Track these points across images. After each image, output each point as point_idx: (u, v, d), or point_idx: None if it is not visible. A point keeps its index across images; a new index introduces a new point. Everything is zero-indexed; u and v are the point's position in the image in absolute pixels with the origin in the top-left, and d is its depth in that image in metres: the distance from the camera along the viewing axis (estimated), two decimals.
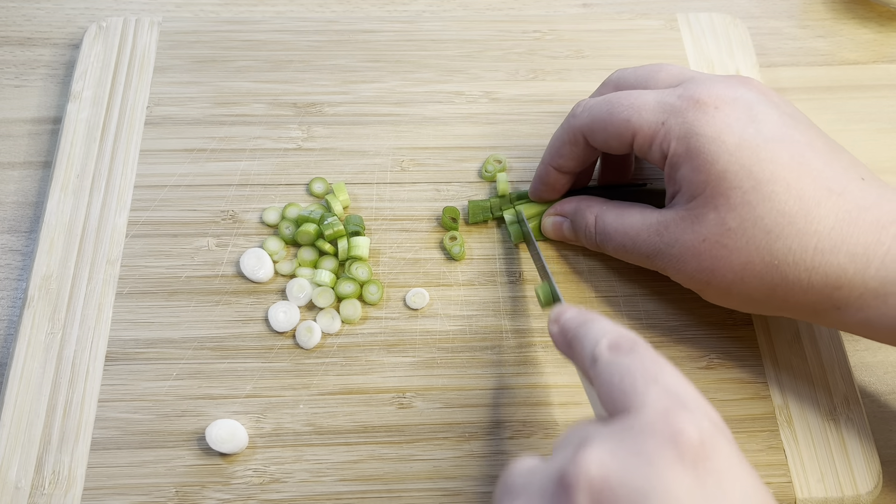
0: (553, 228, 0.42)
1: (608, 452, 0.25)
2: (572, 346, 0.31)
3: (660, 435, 0.25)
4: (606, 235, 0.39)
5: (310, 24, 0.51)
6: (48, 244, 0.42)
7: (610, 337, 0.29)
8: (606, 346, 0.29)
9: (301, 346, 0.40)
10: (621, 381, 0.27)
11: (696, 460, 0.24)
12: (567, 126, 0.39)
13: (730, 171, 0.34)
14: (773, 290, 0.34)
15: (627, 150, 0.38)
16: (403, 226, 0.44)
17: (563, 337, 0.32)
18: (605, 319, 0.31)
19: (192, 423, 0.38)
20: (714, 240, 0.34)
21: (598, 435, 0.26)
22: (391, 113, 0.48)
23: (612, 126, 0.37)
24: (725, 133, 0.34)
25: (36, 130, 0.48)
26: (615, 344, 0.29)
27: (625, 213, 0.39)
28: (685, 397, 0.26)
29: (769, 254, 0.33)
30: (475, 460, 0.38)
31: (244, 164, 0.45)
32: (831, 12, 0.56)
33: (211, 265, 0.42)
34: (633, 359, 0.28)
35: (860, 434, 0.39)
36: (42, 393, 0.38)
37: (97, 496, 0.36)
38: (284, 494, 0.37)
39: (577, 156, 0.40)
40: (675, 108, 0.35)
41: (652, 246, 0.37)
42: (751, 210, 0.33)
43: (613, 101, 0.37)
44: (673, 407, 0.26)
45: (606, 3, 0.55)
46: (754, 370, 0.40)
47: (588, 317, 0.31)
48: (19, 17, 0.53)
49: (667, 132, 0.35)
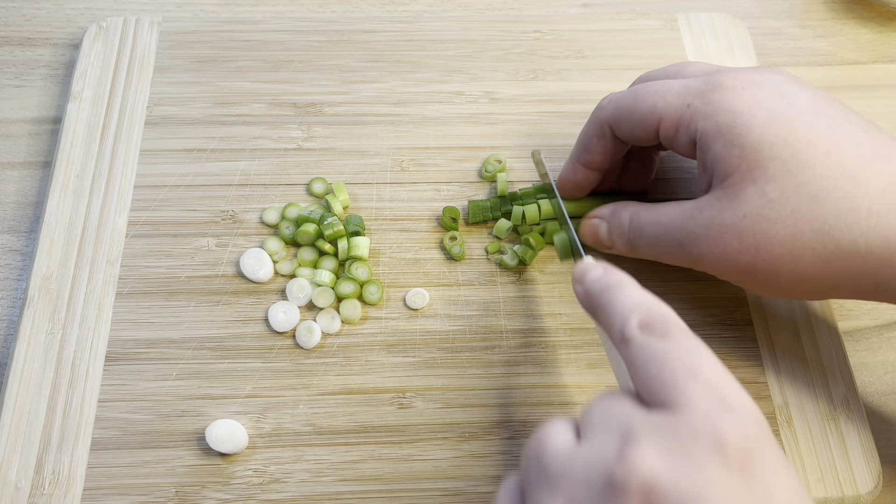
0: (590, 231, 0.41)
1: (658, 455, 0.24)
2: (597, 313, 0.31)
3: (706, 439, 0.24)
4: (640, 229, 0.38)
5: (310, 24, 0.51)
6: (48, 244, 0.42)
7: (640, 315, 0.28)
8: (637, 326, 0.28)
9: (301, 347, 0.40)
10: (660, 371, 0.26)
11: (742, 466, 0.24)
12: (593, 119, 0.39)
13: (765, 142, 0.32)
14: (827, 261, 0.32)
15: (654, 140, 0.37)
16: (403, 226, 0.44)
17: (588, 301, 0.31)
18: (632, 285, 0.30)
19: (192, 423, 0.38)
20: (756, 213, 0.33)
21: (643, 429, 0.25)
22: (391, 113, 0.48)
23: (637, 113, 0.36)
24: (755, 108, 0.33)
25: (36, 130, 0.48)
26: (647, 324, 0.28)
27: (659, 207, 0.38)
28: (728, 395, 0.26)
29: (818, 220, 0.32)
30: (475, 460, 0.38)
31: (244, 164, 0.45)
32: (831, 12, 0.56)
33: (211, 265, 0.42)
34: (668, 345, 0.27)
35: (860, 434, 0.39)
36: (42, 393, 0.38)
37: (97, 496, 0.36)
38: (284, 494, 0.37)
39: (604, 149, 0.39)
40: (700, 90, 0.35)
41: (686, 231, 0.35)
42: (792, 178, 0.32)
43: (639, 90, 0.37)
44: (717, 409, 0.25)
45: (606, 3, 0.55)
46: (754, 370, 0.40)
47: (614, 280, 0.30)
48: (19, 17, 0.53)
49: (693, 114, 0.35)
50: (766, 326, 0.42)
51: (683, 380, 0.26)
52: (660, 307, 0.29)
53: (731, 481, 0.24)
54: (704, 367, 0.26)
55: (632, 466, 0.24)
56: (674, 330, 0.28)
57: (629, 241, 0.39)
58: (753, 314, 0.42)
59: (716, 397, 0.25)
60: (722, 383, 0.26)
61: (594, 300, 0.31)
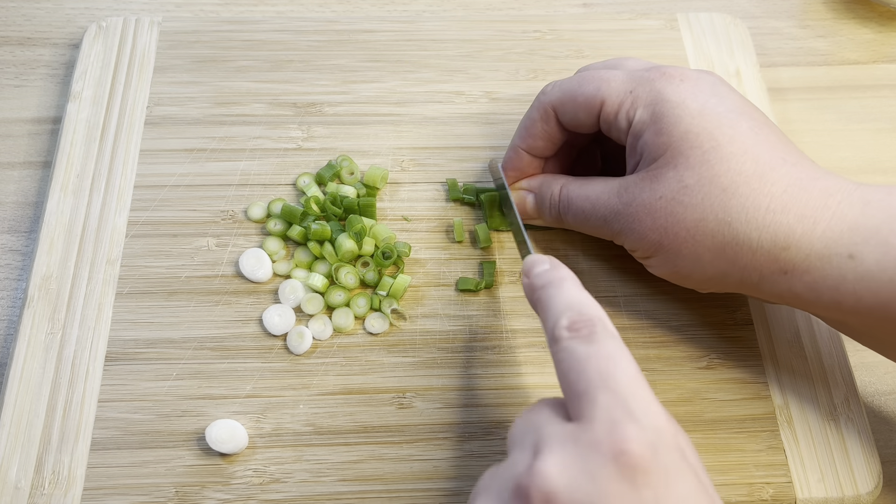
0: (519, 201, 0.42)
1: (559, 465, 0.26)
2: (537, 309, 0.33)
3: (605, 452, 0.26)
4: (569, 202, 0.40)
5: (310, 24, 0.51)
6: (48, 244, 0.42)
7: (570, 315, 0.30)
8: (566, 327, 0.30)
9: (292, 352, 0.40)
10: (577, 379, 0.29)
11: (634, 475, 0.26)
12: (537, 103, 0.40)
13: (691, 133, 0.35)
14: (722, 250, 0.35)
15: (595, 127, 0.39)
16: (403, 226, 0.44)
17: (531, 295, 0.34)
18: (571, 283, 0.32)
19: (192, 423, 0.38)
20: (670, 196, 0.35)
21: (551, 441, 0.27)
22: (391, 113, 0.48)
23: (581, 96, 0.38)
24: (689, 99, 0.36)
25: (36, 130, 0.48)
26: (575, 325, 0.30)
27: (589, 181, 0.40)
28: (633, 404, 0.27)
29: (723, 210, 0.34)
30: (475, 460, 0.38)
31: (244, 164, 0.45)
32: (831, 12, 0.56)
33: (211, 265, 0.42)
34: (589, 350, 0.29)
35: (860, 434, 0.39)
36: (42, 393, 0.38)
37: (97, 496, 0.36)
38: (284, 494, 0.37)
39: (547, 135, 0.40)
40: (644, 78, 0.37)
41: (610, 207, 0.38)
42: (709, 168, 0.34)
43: (584, 75, 0.39)
44: (620, 420, 0.27)
45: (606, 3, 0.55)
46: (754, 370, 0.40)
47: (556, 276, 0.33)
48: (19, 17, 0.53)
49: (634, 99, 0.37)
50: (766, 326, 0.42)
51: (594, 389, 0.28)
52: (590, 308, 0.31)
53: (622, 491, 0.26)
54: (618, 374, 0.28)
55: (533, 477, 0.26)
56: (598, 333, 0.30)
57: (558, 214, 0.41)
58: (753, 314, 0.42)
59: (621, 407, 0.27)
60: (631, 391, 0.28)
61: (535, 295, 0.33)
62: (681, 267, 0.37)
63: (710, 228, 0.35)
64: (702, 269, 0.36)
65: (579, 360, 0.29)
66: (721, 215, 0.34)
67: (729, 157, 0.34)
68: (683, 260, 0.36)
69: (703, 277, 0.37)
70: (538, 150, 0.41)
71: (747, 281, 0.35)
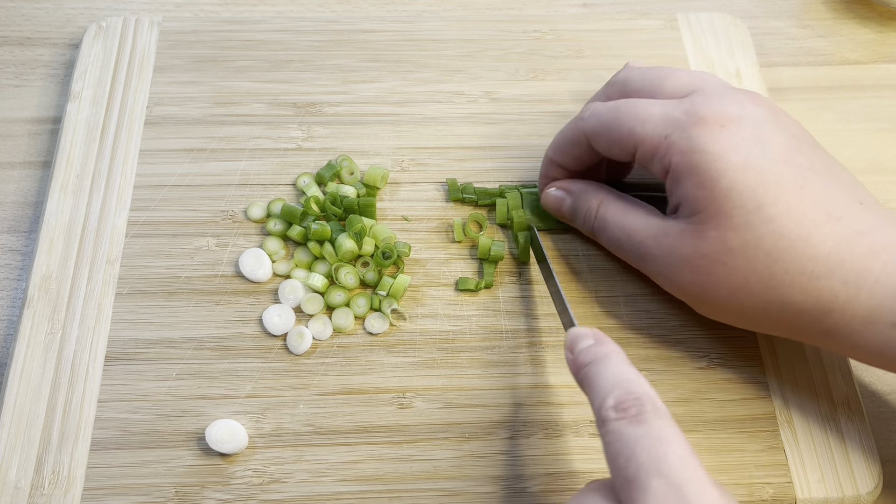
0: (553, 201, 0.42)
1: None
2: (583, 385, 0.32)
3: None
4: (605, 224, 0.39)
5: (310, 24, 0.51)
6: (48, 244, 0.42)
7: (617, 395, 0.29)
8: (613, 407, 0.29)
9: (292, 352, 0.40)
10: (626, 464, 0.27)
11: None
12: (573, 126, 0.40)
13: (734, 191, 0.34)
14: (766, 310, 0.35)
15: (629, 159, 0.38)
16: (403, 226, 0.44)
17: (577, 371, 0.32)
18: (618, 359, 0.31)
19: (192, 423, 0.38)
20: (714, 257, 0.35)
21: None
22: (391, 113, 0.48)
23: (615, 134, 0.37)
24: (731, 152, 0.34)
25: (36, 130, 0.48)
26: (622, 405, 0.29)
27: (628, 209, 0.39)
28: (688, 490, 0.26)
29: (767, 275, 0.34)
30: (475, 460, 0.38)
31: (244, 164, 0.45)
32: (831, 12, 0.56)
33: (211, 265, 0.42)
34: (639, 432, 0.28)
35: (860, 434, 0.39)
36: (42, 393, 0.38)
37: (97, 496, 0.36)
38: (284, 494, 0.37)
39: (578, 156, 0.40)
40: (680, 122, 0.35)
41: (647, 249, 0.37)
42: (753, 231, 0.34)
43: (621, 108, 0.37)
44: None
45: (606, 3, 0.55)
46: (754, 370, 0.40)
47: (602, 352, 0.31)
48: (19, 17, 0.53)
49: (669, 146, 0.35)
50: None
51: (645, 475, 0.27)
52: (638, 386, 0.30)
53: None
54: (669, 458, 0.27)
55: None
56: (648, 413, 0.28)
57: (591, 230, 0.41)
58: None
59: (675, 494, 0.26)
60: (685, 477, 0.27)
61: (581, 373, 0.32)
62: (721, 317, 0.37)
63: (754, 290, 0.34)
64: (744, 322, 0.37)
65: (628, 443, 0.28)
66: (765, 279, 0.34)
67: (773, 218, 0.33)
68: (725, 314, 0.37)
69: (745, 325, 0.37)
70: (568, 165, 0.41)
71: (792, 334, 0.36)
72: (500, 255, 0.42)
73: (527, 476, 0.38)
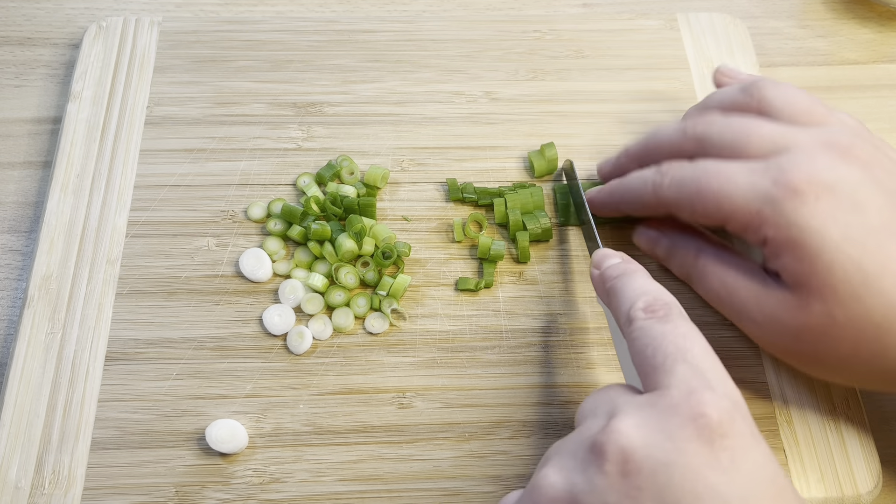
0: (647, 241, 0.42)
1: (636, 426, 0.27)
2: (610, 296, 0.34)
3: (683, 414, 0.27)
4: (704, 277, 0.39)
5: (310, 24, 0.51)
6: (48, 244, 0.42)
7: (646, 299, 0.32)
8: (642, 308, 0.31)
9: (292, 352, 0.40)
10: (654, 354, 0.29)
11: (712, 438, 0.26)
12: (652, 189, 0.38)
13: (836, 264, 0.33)
14: (876, 374, 0.35)
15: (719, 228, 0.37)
16: (403, 226, 0.44)
17: (603, 285, 0.35)
18: (644, 275, 0.34)
19: (192, 423, 0.38)
20: (820, 330, 0.34)
21: (627, 407, 0.28)
22: (391, 113, 0.48)
23: (700, 206, 0.36)
24: (829, 225, 0.33)
25: (36, 130, 0.48)
26: (650, 307, 0.31)
27: (729, 263, 0.38)
28: (710, 376, 0.28)
29: (878, 344, 0.33)
30: (475, 460, 0.38)
31: (244, 164, 0.45)
32: (831, 12, 0.56)
33: (211, 265, 0.42)
34: (665, 328, 0.30)
35: (860, 434, 0.39)
36: (42, 393, 0.38)
37: (97, 496, 0.36)
38: (284, 494, 0.37)
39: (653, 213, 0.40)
40: (771, 196, 0.34)
41: (747, 312, 0.36)
42: (860, 304, 0.33)
43: (702, 178, 0.36)
44: (698, 388, 0.28)
45: (606, 3, 0.55)
46: (754, 370, 0.40)
47: (628, 269, 0.34)
48: (19, 17, 0.53)
49: (762, 222, 0.34)
50: None
51: (672, 362, 0.29)
52: (665, 294, 0.32)
53: (700, 451, 0.26)
54: (695, 349, 0.29)
55: (610, 434, 0.27)
56: (675, 314, 0.31)
57: (688, 278, 0.40)
58: None
59: (698, 377, 0.28)
60: (707, 365, 0.29)
61: (608, 284, 0.34)
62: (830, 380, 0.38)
63: (863, 359, 0.34)
64: (854, 383, 0.38)
65: (656, 336, 0.30)
66: (875, 348, 0.33)
67: (880, 290, 0.32)
68: (833, 377, 0.37)
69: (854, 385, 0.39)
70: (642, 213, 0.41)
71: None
72: (500, 255, 0.42)
73: (527, 476, 0.38)
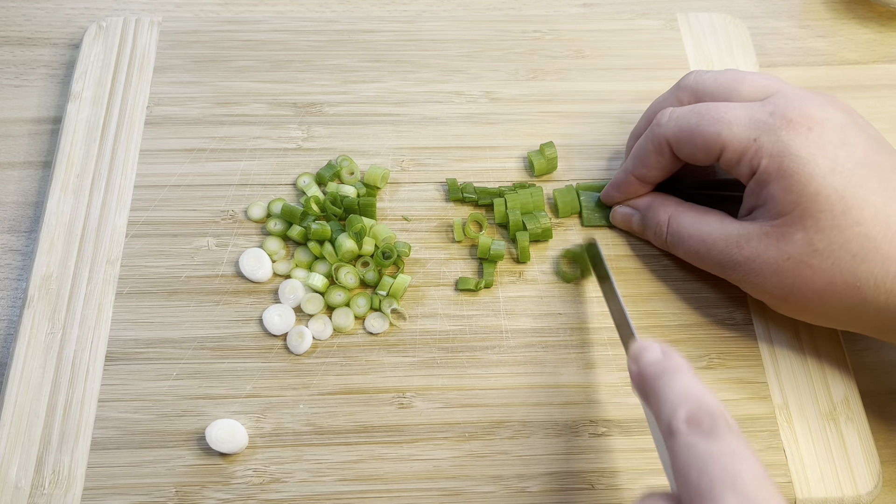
0: (622, 219, 0.43)
1: None
2: (649, 398, 0.31)
3: None
4: (679, 238, 0.40)
5: (310, 24, 0.51)
6: (48, 244, 0.42)
7: (689, 407, 0.28)
8: (685, 420, 0.28)
9: (292, 352, 0.40)
10: (699, 477, 0.27)
11: None
12: (652, 135, 0.39)
13: (822, 194, 0.34)
14: (849, 310, 0.36)
15: (712, 162, 0.38)
16: (403, 226, 0.44)
17: (641, 384, 0.31)
18: (687, 373, 0.30)
19: (192, 423, 0.38)
20: (799, 259, 0.35)
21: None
22: (391, 113, 0.48)
23: (700, 138, 0.37)
24: (819, 156, 0.35)
25: (36, 130, 0.48)
26: (695, 419, 0.28)
27: (701, 219, 0.39)
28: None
29: (852, 276, 0.34)
30: (475, 460, 0.38)
31: (244, 164, 0.45)
32: (831, 12, 0.56)
33: (211, 265, 0.42)
34: (712, 447, 0.27)
35: (860, 434, 0.39)
36: (42, 393, 0.38)
37: (97, 496, 0.36)
38: (284, 494, 0.37)
39: (662, 166, 0.40)
40: (768, 125, 0.36)
41: (729, 257, 0.37)
42: (839, 233, 0.34)
43: (702, 112, 0.37)
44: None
45: (606, 3, 0.55)
46: (754, 370, 0.40)
47: (670, 365, 0.31)
48: (19, 17, 0.53)
49: (758, 149, 0.36)
50: (766, 326, 0.42)
51: (720, 489, 0.26)
52: (710, 401, 0.29)
53: None
54: (744, 474, 0.26)
55: None
56: (721, 428, 0.28)
57: (666, 245, 0.41)
58: (753, 314, 0.42)
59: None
60: (761, 495, 0.26)
61: (647, 384, 0.31)
62: (803, 316, 0.38)
63: (838, 291, 0.35)
64: (825, 320, 0.38)
65: (701, 457, 0.27)
66: (850, 279, 0.34)
67: (859, 221, 0.34)
68: (807, 313, 0.37)
69: (826, 322, 0.38)
70: (650, 179, 0.41)
71: (872, 331, 0.37)
72: (500, 254, 0.42)
73: (527, 476, 0.38)
